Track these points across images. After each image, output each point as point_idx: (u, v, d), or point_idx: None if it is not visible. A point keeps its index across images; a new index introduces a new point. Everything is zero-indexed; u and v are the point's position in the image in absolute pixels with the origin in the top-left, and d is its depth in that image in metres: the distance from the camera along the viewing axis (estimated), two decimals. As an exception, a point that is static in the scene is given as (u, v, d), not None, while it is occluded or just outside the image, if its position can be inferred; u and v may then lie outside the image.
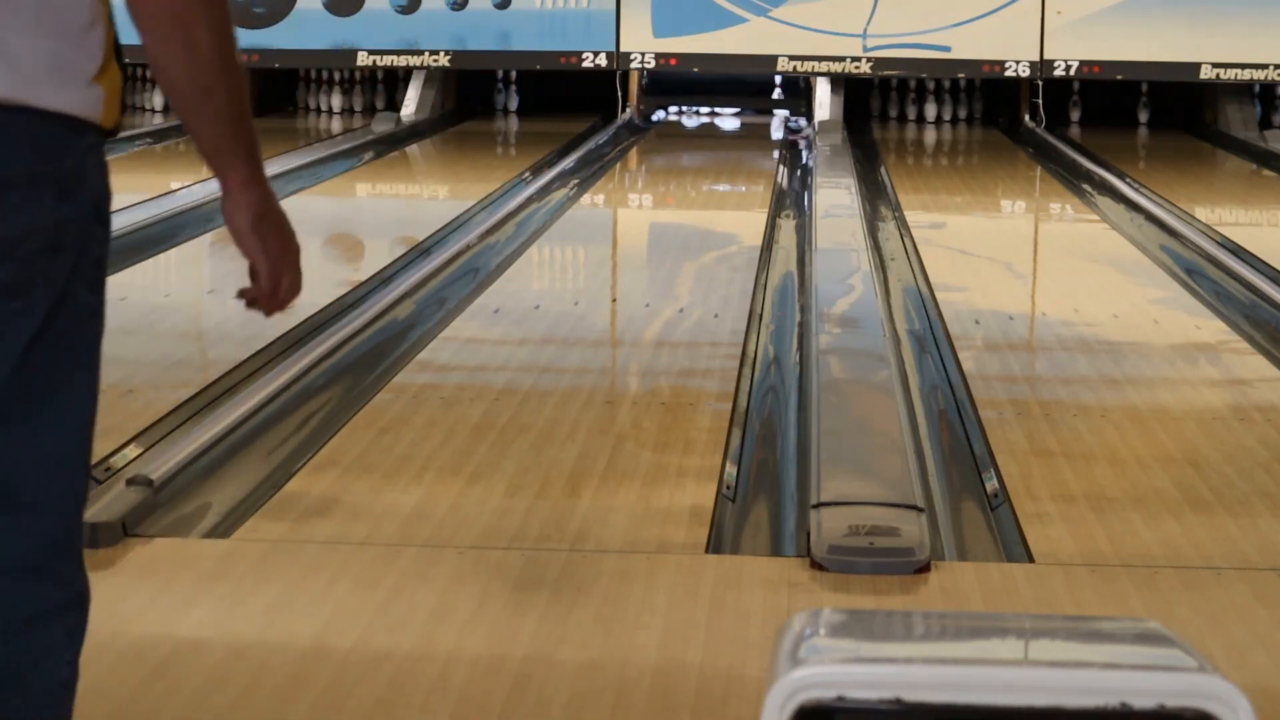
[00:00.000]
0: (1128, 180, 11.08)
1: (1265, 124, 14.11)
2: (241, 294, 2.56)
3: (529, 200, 10.21)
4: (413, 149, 13.13)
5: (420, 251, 8.41)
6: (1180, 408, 5.80)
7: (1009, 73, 14.07)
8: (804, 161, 12.32)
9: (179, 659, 3.52)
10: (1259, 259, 8.24)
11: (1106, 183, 11.16)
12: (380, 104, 14.77)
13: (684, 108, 15.09)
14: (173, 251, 8.21)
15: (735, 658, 3.58)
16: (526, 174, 11.34)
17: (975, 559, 4.48)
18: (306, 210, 9.72)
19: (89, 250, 2.36)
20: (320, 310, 6.89)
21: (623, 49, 14.24)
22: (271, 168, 3.38)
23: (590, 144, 13.02)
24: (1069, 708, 2.02)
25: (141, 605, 3.83)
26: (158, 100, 14.36)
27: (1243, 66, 13.82)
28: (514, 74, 15.05)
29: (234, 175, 2.49)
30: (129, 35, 2.37)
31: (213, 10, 2.40)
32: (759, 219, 9.65)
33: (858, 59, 14.16)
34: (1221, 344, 6.88)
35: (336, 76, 14.88)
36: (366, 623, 3.75)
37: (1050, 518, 4.64)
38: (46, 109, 2.30)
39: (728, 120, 14.96)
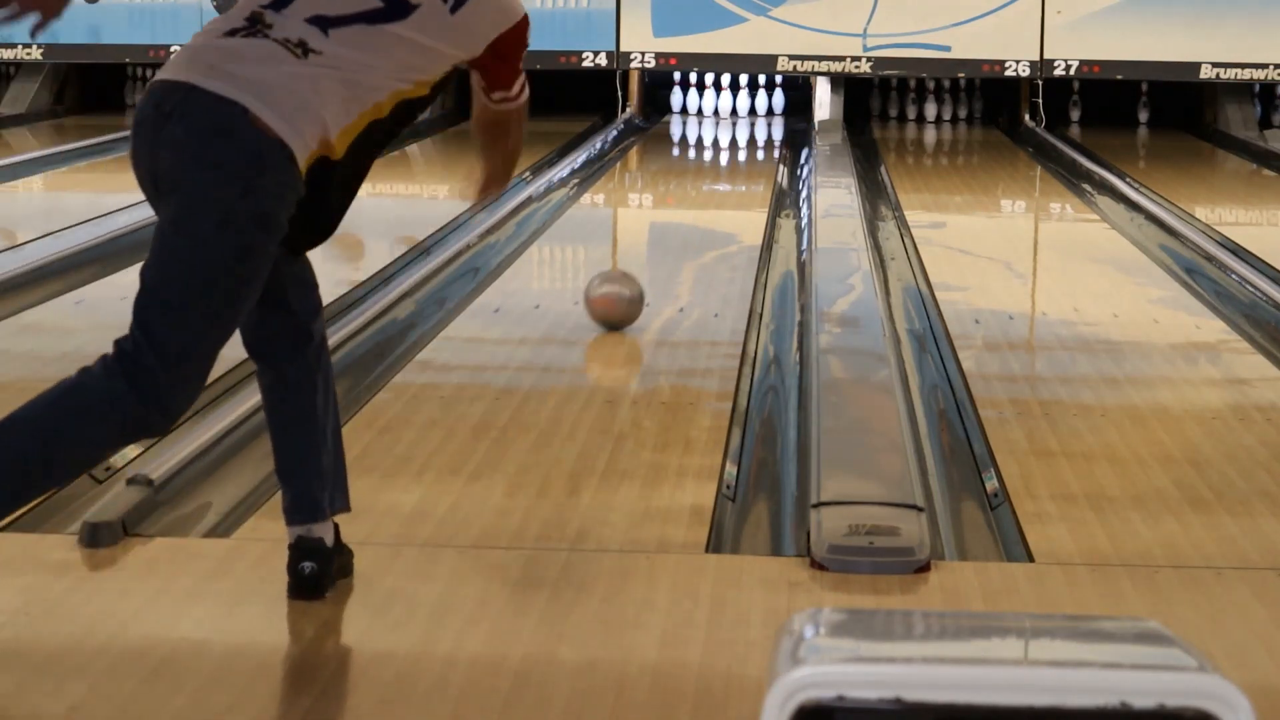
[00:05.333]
0: (1128, 180, 11.08)
1: (1265, 124, 14.12)
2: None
3: (529, 200, 10.21)
4: (413, 148, 13.13)
5: (420, 251, 8.42)
6: (1180, 407, 5.80)
7: (1009, 72, 14.07)
8: (804, 161, 12.32)
9: (179, 659, 3.52)
10: (1259, 259, 8.24)
11: (1106, 182, 11.16)
12: (380, 103, 14.74)
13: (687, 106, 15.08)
14: (173, 251, 8.20)
15: (735, 657, 3.58)
16: (526, 174, 11.34)
17: (975, 559, 4.48)
18: (306, 210, 9.69)
19: None
20: (320, 310, 6.87)
21: (623, 48, 14.25)
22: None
23: (590, 144, 13.02)
24: (1069, 707, 2.02)
25: (141, 605, 3.83)
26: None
27: (1243, 66, 13.82)
28: (514, 73, 15.03)
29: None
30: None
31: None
32: (759, 219, 9.65)
33: (858, 59, 14.17)
34: (1221, 344, 6.88)
35: (336, 76, 14.86)
36: (366, 623, 3.75)
37: (1050, 517, 4.64)
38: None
39: (728, 119, 14.96)
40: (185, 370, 3.50)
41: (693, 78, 14.89)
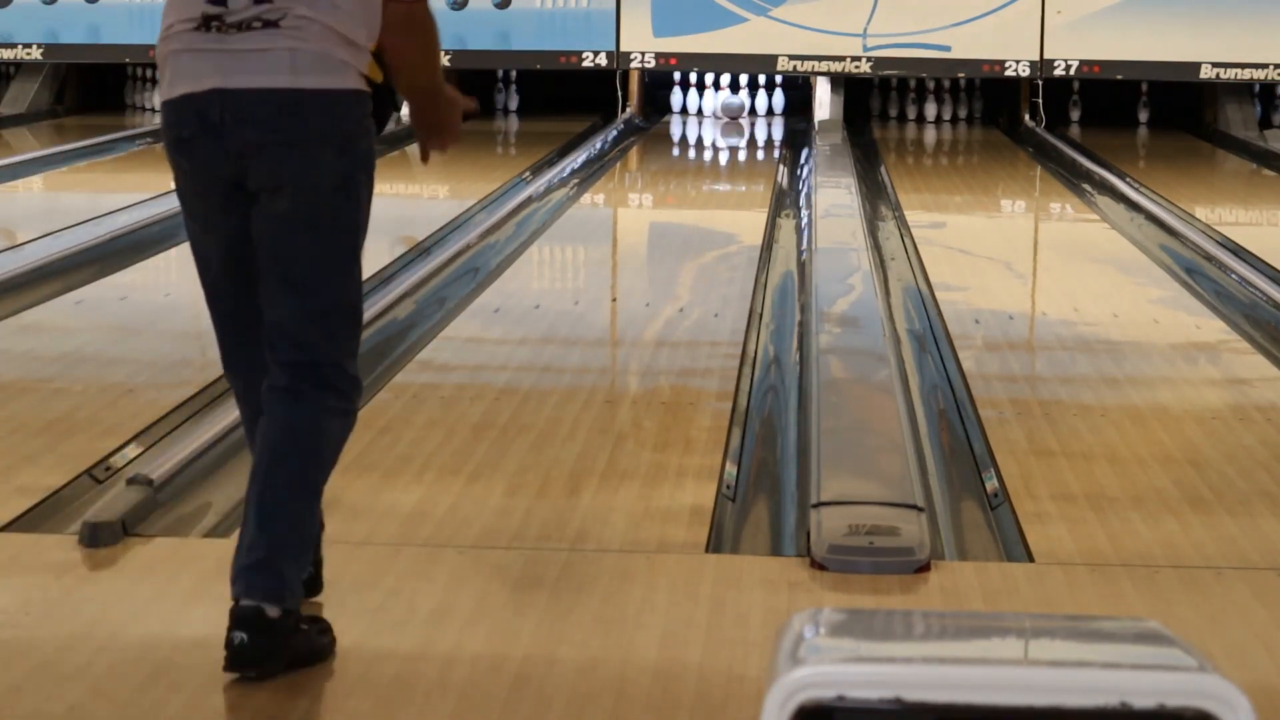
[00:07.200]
0: (1128, 180, 11.08)
1: (1265, 124, 14.12)
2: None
3: (529, 200, 10.21)
4: (413, 148, 13.10)
5: (420, 251, 8.42)
6: (1180, 407, 5.80)
7: (1009, 72, 14.07)
8: (804, 161, 12.32)
9: (179, 659, 3.52)
10: (1259, 259, 8.24)
11: (1106, 182, 11.16)
12: (380, 103, 14.75)
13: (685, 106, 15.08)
14: (173, 251, 8.22)
15: (735, 658, 3.58)
16: (526, 174, 11.34)
17: (975, 559, 4.48)
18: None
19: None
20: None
21: (623, 48, 14.24)
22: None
23: (590, 144, 13.02)
24: (1069, 707, 2.02)
25: (141, 605, 3.83)
26: (157, 100, 14.37)
27: (1243, 66, 13.82)
28: (514, 74, 15.06)
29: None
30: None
31: (432, 35, 3.67)
32: (759, 219, 9.65)
33: (858, 59, 14.17)
34: (1221, 344, 6.88)
35: (336, 76, 14.85)
36: (366, 623, 3.75)
37: (1050, 517, 4.64)
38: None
39: (728, 119, 14.96)
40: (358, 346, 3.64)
41: (693, 78, 14.89)
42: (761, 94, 14.99)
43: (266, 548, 3.46)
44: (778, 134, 14.29)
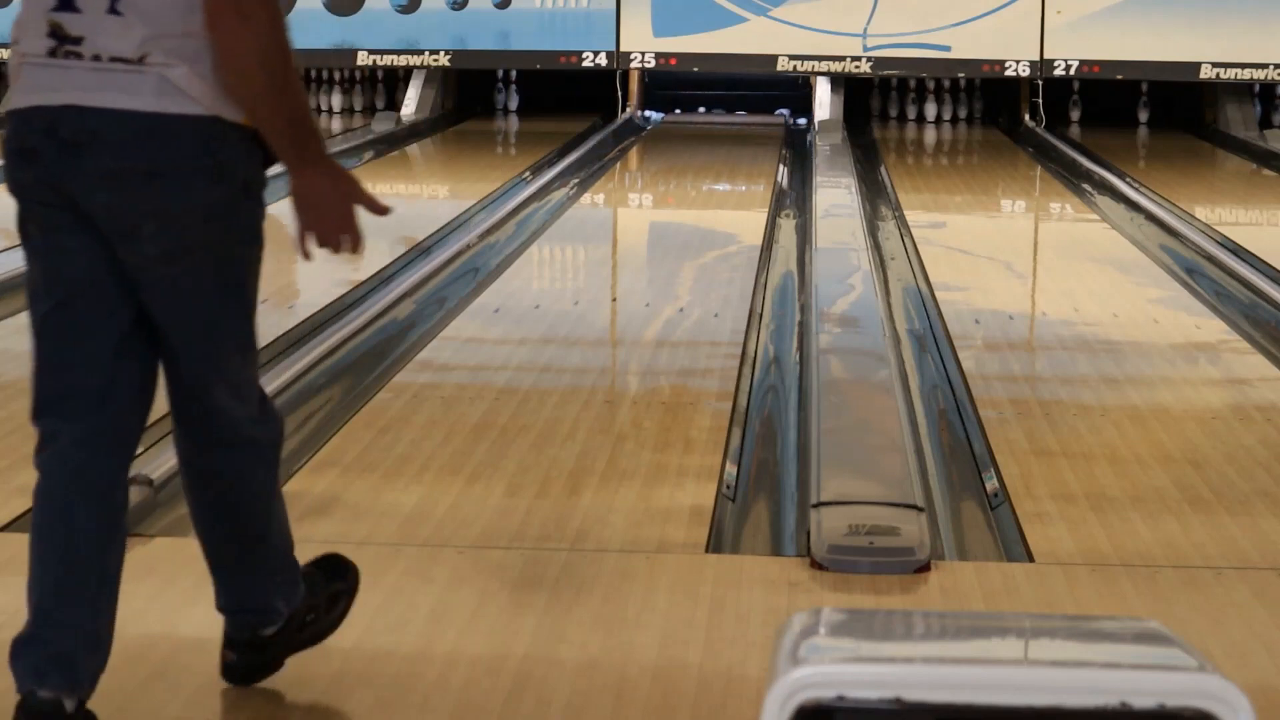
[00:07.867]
0: (1128, 180, 11.08)
1: (1265, 124, 14.12)
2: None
3: (529, 200, 10.21)
4: (413, 148, 13.13)
5: (420, 251, 8.42)
6: (1180, 407, 5.80)
7: (1009, 72, 14.07)
8: (804, 161, 12.32)
9: (179, 659, 3.52)
10: (1259, 259, 8.24)
11: (1106, 182, 11.16)
12: (380, 103, 14.78)
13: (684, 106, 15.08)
14: (173, 251, 8.20)
15: (735, 658, 3.58)
16: (526, 174, 11.34)
17: (975, 559, 4.48)
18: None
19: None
20: (320, 310, 6.89)
21: (623, 48, 14.25)
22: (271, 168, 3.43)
23: (590, 144, 13.02)
24: (1069, 707, 2.02)
25: (141, 605, 3.83)
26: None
27: (1243, 66, 13.82)
28: (514, 74, 15.06)
29: (286, 165, 3.15)
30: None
31: (265, 52, 3.04)
32: (759, 219, 9.65)
33: (858, 59, 14.17)
34: (1221, 344, 6.88)
35: (336, 76, 14.89)
36: (366, 623, 3.75)
37: (1050, 517, 4.64)
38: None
39: (728, 119, 14.96)
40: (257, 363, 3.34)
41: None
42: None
43: (238, 598, 3.37)
44: (778, 134, 14.29)
